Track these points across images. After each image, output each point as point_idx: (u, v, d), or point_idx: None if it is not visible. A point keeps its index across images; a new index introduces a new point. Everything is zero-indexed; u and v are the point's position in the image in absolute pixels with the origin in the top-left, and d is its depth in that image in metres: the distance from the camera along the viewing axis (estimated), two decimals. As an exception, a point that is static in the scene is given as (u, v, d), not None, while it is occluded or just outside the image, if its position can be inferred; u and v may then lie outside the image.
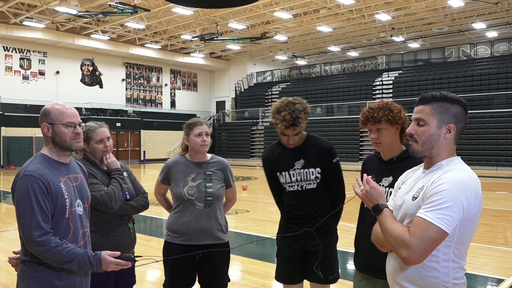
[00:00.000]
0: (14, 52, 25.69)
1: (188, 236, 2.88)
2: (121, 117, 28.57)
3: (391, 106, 2.45)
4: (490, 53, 25.38)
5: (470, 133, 20.48)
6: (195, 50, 32.25)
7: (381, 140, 2.44)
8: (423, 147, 1.75)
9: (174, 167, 2.97)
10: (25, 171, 1.98)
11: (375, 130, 2.44)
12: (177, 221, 2.91)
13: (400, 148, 2.50)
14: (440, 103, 1.73)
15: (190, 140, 2.93)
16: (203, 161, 2.98)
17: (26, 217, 1.92)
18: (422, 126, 1.74)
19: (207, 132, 2.96)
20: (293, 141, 2.84)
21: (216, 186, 2.93)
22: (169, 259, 2.82)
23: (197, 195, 2.88)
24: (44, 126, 2.08)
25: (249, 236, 7.18)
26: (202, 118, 3.57)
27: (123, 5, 19.46)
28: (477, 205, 1.64)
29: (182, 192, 2.88)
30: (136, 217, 2.95)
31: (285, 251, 2.96)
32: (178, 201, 2.94)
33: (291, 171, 2.88)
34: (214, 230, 2.91)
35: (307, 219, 2.88)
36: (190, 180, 2.90)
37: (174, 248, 2.89)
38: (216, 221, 2.92)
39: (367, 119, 2.45)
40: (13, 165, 22.78)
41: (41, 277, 1.99)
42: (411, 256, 1.59)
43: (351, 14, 23.00)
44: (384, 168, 2.49)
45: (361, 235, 2.57)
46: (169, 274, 2.94)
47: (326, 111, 27.79)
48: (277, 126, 2.79)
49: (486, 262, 5.60)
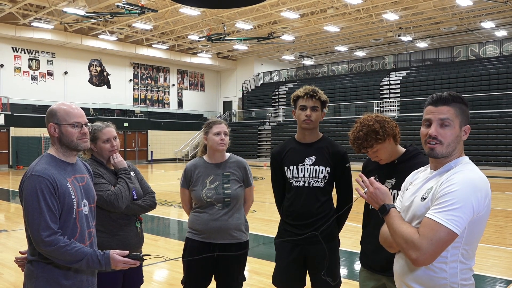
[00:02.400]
0: (23, 53, 25.90)
1: (206, 234, 2.92)
2: (129, 117, 28.69)
3: (375, 127, 2.38)
4: (499, 53, 25.17)
5: (479, 133, 20.31)
6: (202, 50, 32.31)
7: (381, 157, 2.46)
8: (447, 149, 1.70)
9: (193, 171, 3.01)
10: (33, 171, 1.98)
11: (371, 153, 2.46)
12: (197, 219, 2.97)
13: (399, 151, 2.49)
14: (459, 104, 1.71)
15: (209, 139, 2.97)
16: (221, 161, 3.02)
17: (34, 217, 1.92)
18: (446, 127, 1.69)
19: (226, 131, 2.99)
20: (311, 118, 2.82)
21: (234, 187, 2.96)
22: (176, 259, 2.83)
23: (216, 197, 2.92)
24: (51, 127, 2.09)
25: (256, 236, 7.18)
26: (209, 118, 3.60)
27: (131, 5, 19.55)
28: (486, 206, 1.63)
29: (200, 195, 2.93)
30: (144, 217, 2.97)
31: (284, 255, 2.90)
32: (198, 203, 2.99)
33: (300, 166, 2.86)
34: (232, 230, 2.94)
35: (308, 221, 2.82)
36: (208, 183, 2.94)
37: (193, 245, 2.96)
38: (235, 220, 2.96)
39: (359, 149, 2.45)
40: (22, 165, 22.97)
41: (48, 277, 2.00)
42: (421, 258, 1.58)
43: (358, 13, 22.92)
44: (386, 170, 2.49)
45: (367, 236, 2.57)
46: (186, 271, 2.98)
47: (333, 111, 27.72)
48: (297, 102, 2.87)
49: (495, 263, 5.55)
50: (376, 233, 2.42)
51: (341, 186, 2.93)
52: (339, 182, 2.91)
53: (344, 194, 2.93)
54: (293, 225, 2.89)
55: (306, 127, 2.86)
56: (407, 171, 2.20)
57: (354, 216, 2.74)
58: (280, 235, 2.98)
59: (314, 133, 2.93)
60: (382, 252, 2.09)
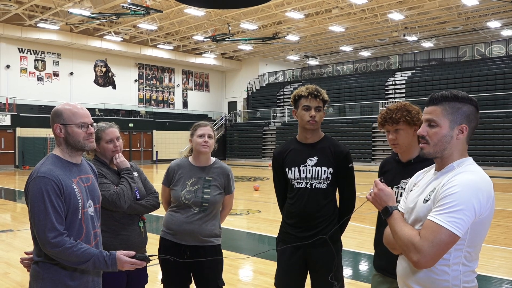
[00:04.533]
0: (29, 54, 26.06)
1: (179, 235, 2.92)
2: (134, 117, 28.80)
3: (409, 108, 2.44)
4: (505, 52, 25.03)
5: (485, 133, 20.20)
6: (207, 50, 32.36)
7: (399, 141, 2.44)
8: (434, 149, 1.71)
9: (176, 170, 3.01)
10: (38, 173, 1.97)
11: (393, 131, 2.44)
12: (172, 219, 2.96)
13: (418, 149, 2.46)
14: (451, 103, 1.69)
15: (193, 141, 3.00)
16: (205, 165, 3.01)
17: (40, 218, 1.92)
18: (433, 128, 1.70)
19: (210, 134, 2.98)
20: (315, 118, 2.79)
21: (213, 193, 2.94)
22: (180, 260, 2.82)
23: (193, 200, 2.90)
24: (57, 127, 2.07)
25: (261, 237, 7.17)
26: (214, 118, 3.60)
27: (136, 6, 19.62)
28: (489, 207, 1.61)
29: (179, 195, 2.91)
30: (149, 217, 2.97)
31: (286, 258, 2.87)
32: (176, 202, 2.98)
33: (302, 167, 2.82)
34: (205, 235, 2.92)
35: (310, 223, 2.79)
36: (189, 185, 2.93)
37: (166, 244, 2.97)
38: (209, 227, 2.94)
39: (385, 120, 2.45)
40: (28, 165, 23.10)
41: (54, 278, 1.99)
42: (422, 260, 1.56)
43: (363, 13, 22.87)
44: (403, 170, 2.47)
45: (380, 237, 2.54)
46: (163, 271, 3.04)
47: (338, 111, 27.67)
48: (300, 101, 2.84)
49: (502, 264, 5.51)
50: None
51: (344, 187, 2.88)
52: (342, 183, 2.87)
53: (347, 195, 2.89)
54: (294, 226, 2.86)
55: (311, 128, 2.82)
56: None
57: (358, 216, 2.73)
58: (281, 236, 2.95)
59: (316, 133, 2.88)
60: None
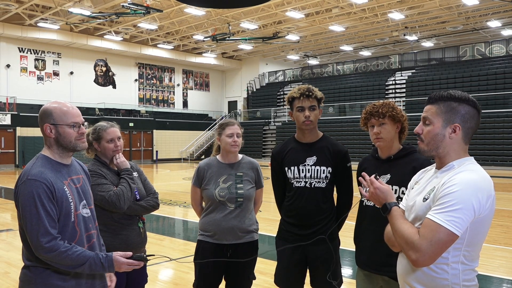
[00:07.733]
0: (29, 53, 26.05)
1: (218, 235, 2.93)
2: (134, 117, 28.78)
3: (393, 105, 2.55)
4: (505, 52, 25.01)
5: (485, 133, 20.19)
6: (207, 50, 32.35)
7: (383, 135, 2.48)
8: (428, 147, 1.75)
9: (206, 169, 3.02)
10: (29, 175, 1.90)
11: (378, 125, 2.49)
12: (208, 220, 2.97)
13: (397, 147, 2.54)
14: (446, 103, 1.72)
15: (222, 140, 2.99)
16: (234, 162, 3.03)
17: (33, 223, 1.85)
18: (427, 126, 1.74)
19: (239, 133, 3.00)
20: (310, 118, 2.81)
21: (247, 187, 2.98)
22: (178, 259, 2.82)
23: (228, 196, 2.93)
24: (47, 127, 1.98)
25: (261, 236, 7.15)
26: (214, 118, 3.61)
27: (136, 5, 19.62)
28: (489, 207, 1.61)
29: (213, 193, 2.93)
30: (149, 217, 2.97)
31: (286, 256, 2.90)
32: (209, 202, 2.98)
33: (301, 167, 2.85)
34: (244, 230, 2.96)
35: (309, 221, 2.81)
36: (222, 182, 2.95)
37: (205, 246, 2.96)
38: (247, 221, 2.98)
39: (371, 114, 2.51)
40: (28, 165, 23.10)
41: (47, 282, 1.93)
42: (420, 259, 1.57)
43: (363, 13, 22.86)
44: (381, 166, 2.51)
45: (362, 232, 2.57)
46: (198, 273, 2.98)
47: (338, 110, 27.66)
48: (293, 103, 2.85)
49: (502, 264, 5.50)
50: (373, 229, 2.41)
51: (342, 186, 2.91)
52: (340, 182, 2.90)
53: (345, 193, 2.92)
54: (294, 225, 2.88)
55: (307, 128, 2.85)
56: (402, 167, 2.36)
57: (355, 214, 2.72)
58: (281, 234, 2.98)
59: (314, 132, 2.91)
60: (381, 247, 2.08)
